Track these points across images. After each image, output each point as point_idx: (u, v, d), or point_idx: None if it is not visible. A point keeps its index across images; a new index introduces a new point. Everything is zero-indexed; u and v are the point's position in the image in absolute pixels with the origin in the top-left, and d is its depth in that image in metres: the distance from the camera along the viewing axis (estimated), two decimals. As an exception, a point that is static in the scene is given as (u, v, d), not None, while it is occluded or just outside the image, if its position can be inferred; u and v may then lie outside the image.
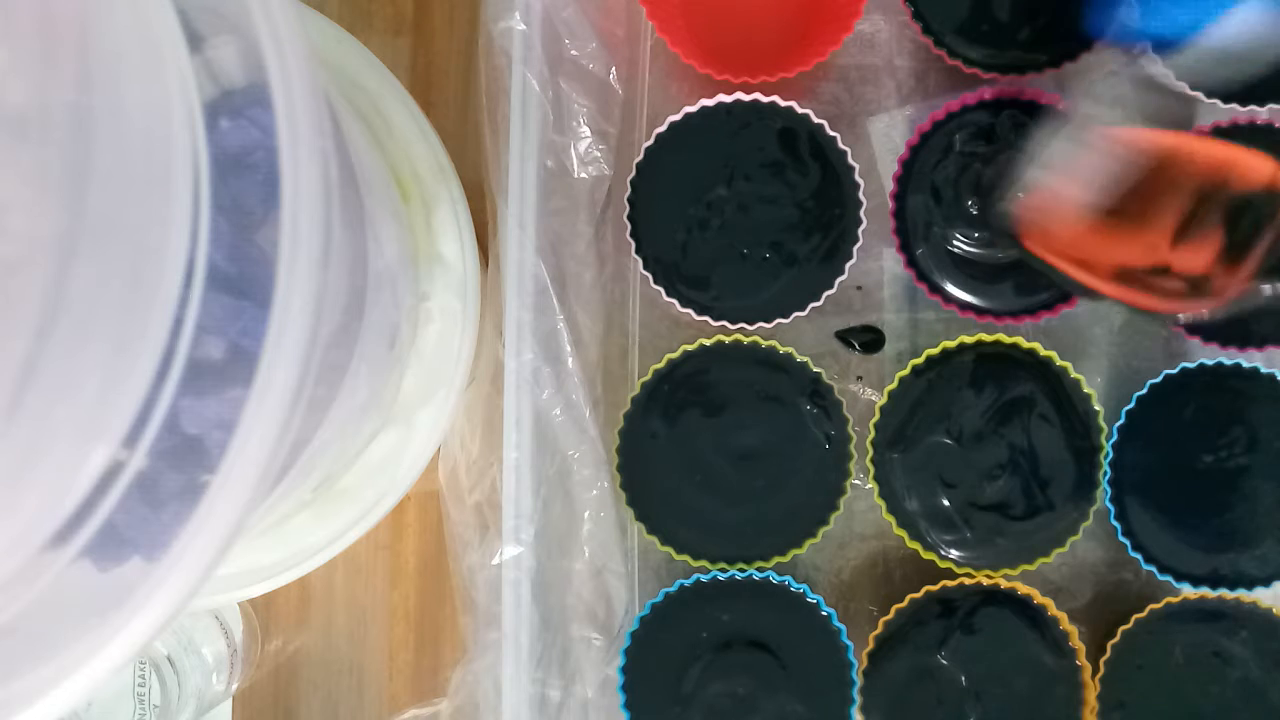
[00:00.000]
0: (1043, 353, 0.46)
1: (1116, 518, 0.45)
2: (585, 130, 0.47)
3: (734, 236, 0.47)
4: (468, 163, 0.48)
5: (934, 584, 0.45)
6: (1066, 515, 0.45)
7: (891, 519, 0.46)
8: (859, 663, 0.45)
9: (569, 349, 0.46)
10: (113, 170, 0.24)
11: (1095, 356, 0.49)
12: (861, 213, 0.46)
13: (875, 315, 0.50)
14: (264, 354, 0.24)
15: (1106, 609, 0.48)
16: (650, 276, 0.47)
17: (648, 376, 0.47)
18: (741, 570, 0.46)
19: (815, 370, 0.46)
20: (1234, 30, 0.39)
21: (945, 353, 0.46)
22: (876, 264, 0.50)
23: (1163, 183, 0.39)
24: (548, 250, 0.45)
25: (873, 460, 0.46)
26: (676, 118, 0.47)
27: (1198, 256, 0.38)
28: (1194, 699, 0.44)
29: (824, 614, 0.45)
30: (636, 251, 0.47)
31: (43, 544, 0.25)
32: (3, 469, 0.24)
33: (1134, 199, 0.39)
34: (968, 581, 0.45)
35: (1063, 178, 0.40)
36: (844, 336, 0.50)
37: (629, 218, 0.47)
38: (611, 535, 0.47)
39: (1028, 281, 0.46)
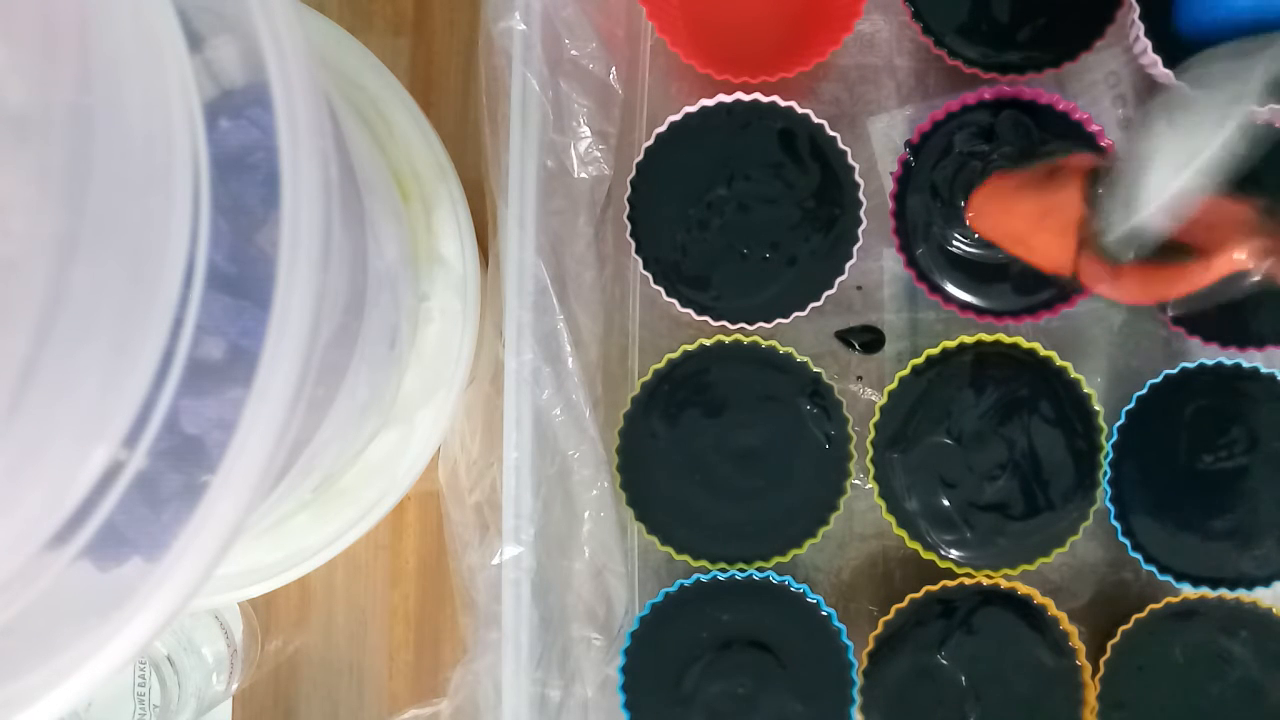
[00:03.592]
0: (1043, 353, 0.46)
1: (1116, 518, 0.45)
2: (585, 130, 0.47)
3: (734, 236, 0.47)
4: (468, 163, 0.48)
5: (934, 584, 0.45)
6: (1066, 515, 0.45)
7: (891, 519, 0.46)
8: (859, 663, 0.45)
9: (569, 349, 0.46)
10: (113, 170, 0.24)
11: (1095, 356, 0.49)
12: (861, 213, 0.46)
13: (875, 315, 0.50)
14: (264, 354, 0.24)
15: (1106, 609, 0.48)
16: (650, 276, 0.47)
17: (648, 376, 0.47)
18: (741, 570, 0.46)
19: (815, 370, 0.46)
20: None
21: (945, 353, 0.46)
22: (876, 264, 0.50)
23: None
24: (548, 250, 0.45)
25: (873, 460, 0.46)
26: (676, 118, 0.47)
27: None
28: (1194, 699, 0.44)
29: (824, 614, 0.45)
30: (636, 251, 0.47)
31: (43, 544, 0.25)
32: (3, 469, 0.24)
33: None
34: (968, 581, 0.45)
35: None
36: (844, 336, 0.50)
37: (629, 218, 0.47)
38: (611, 535, 0.47)
39: (1028, 281, 0.46)
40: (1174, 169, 0.35)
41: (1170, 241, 0.37)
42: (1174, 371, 0.45)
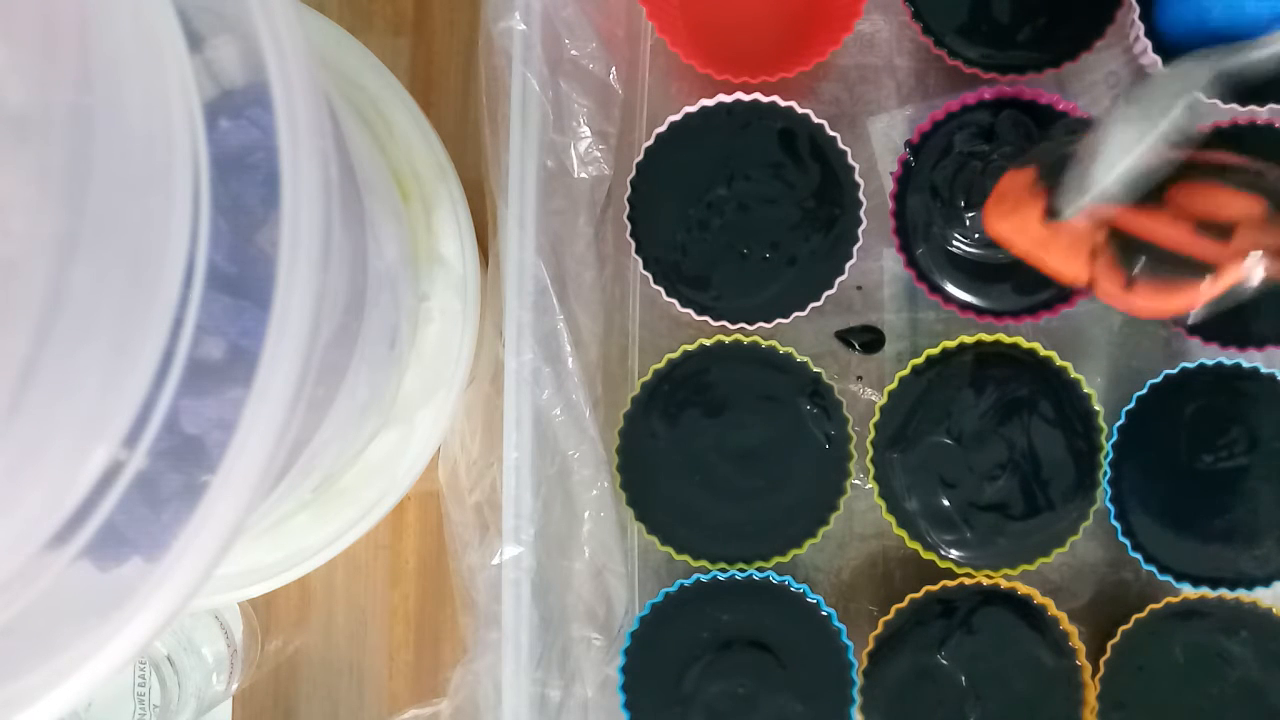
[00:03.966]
0: (1043, 353, 0.46)
1: (1116, 518, 0.45)
2: (585, 130, 0.47)
3: (734, 236, 0.47)
4: (468, 163, 0.48)
5: (934, 584, 0.45)
6: (1066, 515, 0.45)
7: (891, 519, 0.46)
8: (859, 663, 0.45)
9: (569, 349, 0.46)
10: (113, 170, 0.24)
11: (1095, 356, 0.49)
12: (861, 213, 0.46)
13: (875, 315, 0.50)
14: (264, 354, 0.24)
15: (1106, 609, 0.48)
16: (650, 276, 0.47)
17: (648, 376, 0.47)
18: (741, 570, 0.46)
19: (815, 370, 0.46)
20: None
21: (945, 353, 0.46)
22: (876, 264, 0.50)
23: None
24: (548, 250, 0.45)
25: (873, 460, 0.46)
26: (676, 118, 0.47)
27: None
28: (1194, 699, 0.44)
29: (824, 614, 0.45)
30: (636, 251, 0.47)
31: (43, 544, 0.25)
32: (3, 469, 0.24)
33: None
34: (968, 581, 0.45)
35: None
36: (844, 336, 0.50)
37: (629, 218, 0.47)
38: (611, 535, 0.47)
39: (1028, 281, 0.46)
40: (1128, 144, 0.37)
41: (1181, 255, 0.37)
42: (1174, 371, 0.45)
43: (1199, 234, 0.37)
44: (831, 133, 0.47)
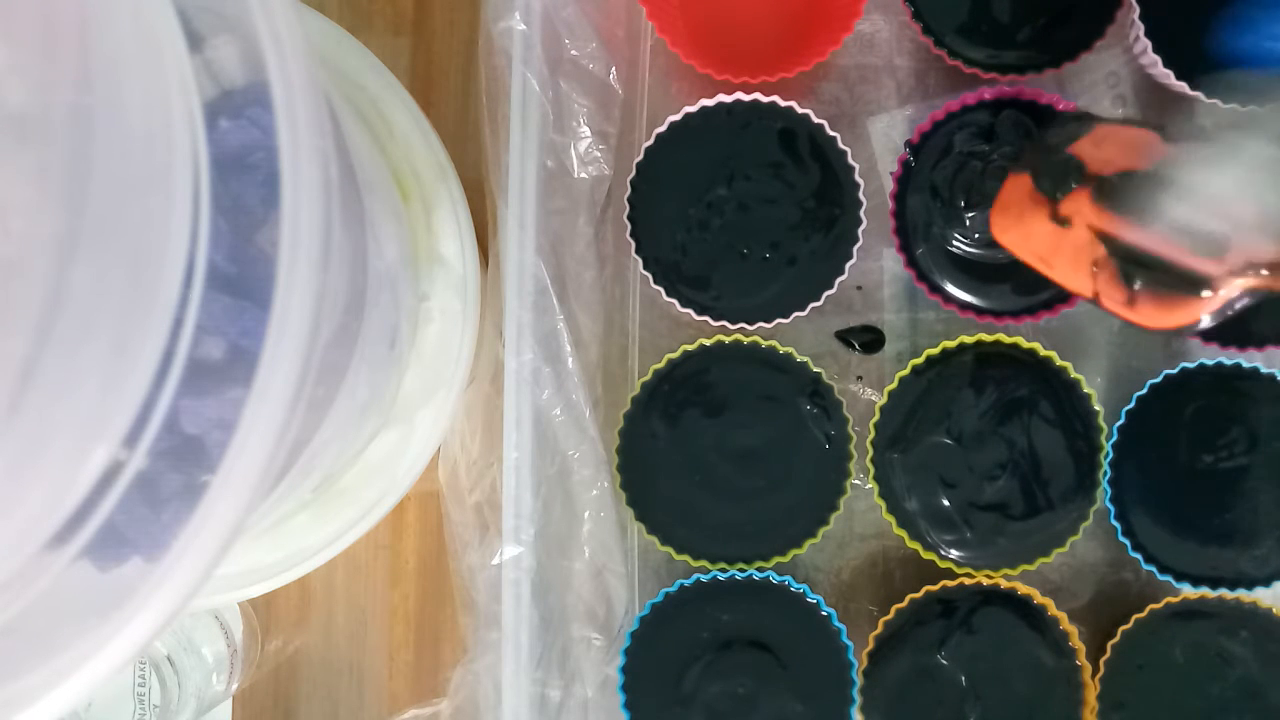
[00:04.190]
0: (1043, 353, 0.46)
1: (1116, 518, 0.45)
2: (585, 130, 0.47)
3: (734, 236, 0.47)
4: (468, 163, 0.48)
5: (934, 584, 0.45)
6: (1066, 515, 0.45)
7: (891, 519, 0.46)
8: (859, 663, 0.45)
9: (569, 349, 0.46)
10: (113, 170, 0.24)
11: (1095, 356, 0.49)
12: (861, 213, 0.46)
13: (875, 315, 0.50)
14: (264, 354, 0.24)
15: (1106, 609, 0.48)
16: (650, 276, 0.47)
17: (648, 376, 0.47)
18: (741, 570, 0.46)
19: (815, 370, 0.46)
20: None
21: (945, 353, 0.46)
22: (876, 264, 0.50)
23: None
24: (548, 250, 0.45)
25: (873, 460, 0.46)
26: (676, 118, 0.47)
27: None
28: (1194, 699, 0.44)
29: (824, 614, 0.45)
30: (636, 251, 0.47)
31: (43, 544, 0.25)
32: (3, 469, 0.24)
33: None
34: (968, 581, 0.45)
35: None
36: (844, 336, 0.50)
37: (629, 218, 0.47)
38: (611, 535, 0.47)
39: (1028, 281, 0.46)
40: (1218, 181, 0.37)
41: (1179, 270, 0.37)
42: (1174, 371, 0.45)
43: (1194, 250, 0.37)
44: (831, 133, 0.47)
